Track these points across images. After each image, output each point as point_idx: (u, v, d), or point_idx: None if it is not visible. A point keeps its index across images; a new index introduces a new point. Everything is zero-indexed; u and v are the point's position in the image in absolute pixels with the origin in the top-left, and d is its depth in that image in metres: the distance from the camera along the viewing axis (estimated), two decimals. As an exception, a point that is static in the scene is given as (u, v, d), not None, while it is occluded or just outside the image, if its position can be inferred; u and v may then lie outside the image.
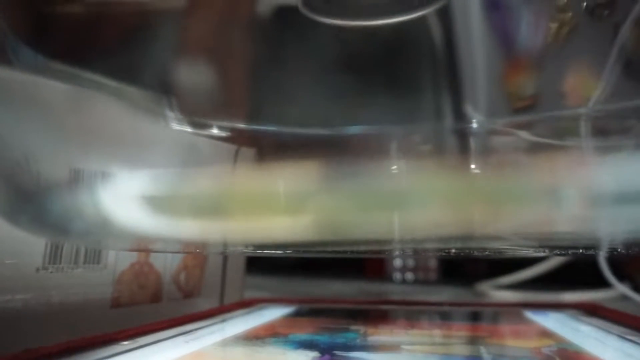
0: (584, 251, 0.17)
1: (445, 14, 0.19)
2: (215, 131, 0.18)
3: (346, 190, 0.14)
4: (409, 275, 0.67)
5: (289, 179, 0.14)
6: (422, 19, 0.18)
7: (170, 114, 0.17)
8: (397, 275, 0.68)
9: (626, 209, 0.12)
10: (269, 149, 0.19)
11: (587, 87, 0.19)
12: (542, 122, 0.18)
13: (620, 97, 0.18)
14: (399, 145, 0.16)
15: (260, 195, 0.14)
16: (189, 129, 0.18)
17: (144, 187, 0.14)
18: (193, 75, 0.19)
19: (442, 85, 0.20)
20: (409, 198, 0.13)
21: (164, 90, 0.19)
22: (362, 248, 0.16)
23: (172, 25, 0.18)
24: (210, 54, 0.20)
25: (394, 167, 0.15)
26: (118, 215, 0.14)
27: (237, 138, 0.18)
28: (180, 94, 0.19)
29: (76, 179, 0.16)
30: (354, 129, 0.17)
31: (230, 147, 0.19)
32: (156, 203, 0.14)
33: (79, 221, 0.14)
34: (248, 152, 0.19)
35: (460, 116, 0.19)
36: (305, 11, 0.15)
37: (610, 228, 0.14)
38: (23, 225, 0.16)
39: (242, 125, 0.19)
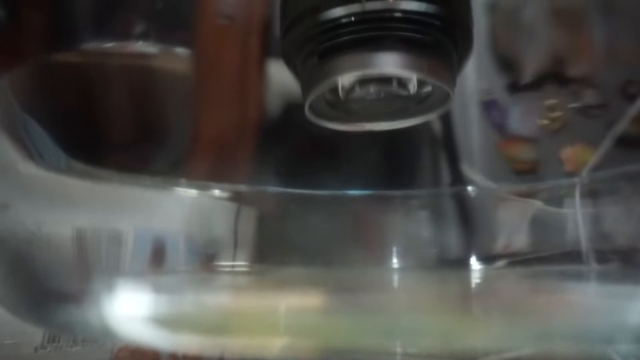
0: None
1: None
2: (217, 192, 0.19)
3: (347, 319, 0.14)
4: None
5: (291, 303, 0.14)
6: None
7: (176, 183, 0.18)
8: None
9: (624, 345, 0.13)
10: (270, 208, 0.20)
11: (583, 157, 0.20)
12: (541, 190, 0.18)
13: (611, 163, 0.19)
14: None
15: (261, 320, 0.14)
16: (194, 192, 0.19)
17: (148, 307, 0.15)
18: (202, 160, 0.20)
19: (439, 152, 0.20)
20: (409, 330, 0.13)
21: (174, 170, 0.20)
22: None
23: (183, 120, 0.20)
24: (220, 145, 0.21)
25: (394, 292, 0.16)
26: (121, 328, 0.14)
27: (238, 198, 0.19)
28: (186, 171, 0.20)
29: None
30: (355, 192, 0.18)
31: (232, 206, 0.20)
32: (159, 322, 0.14)
33: (83, 327, 0.15)
34: (250, 210, 0.20)
35: (458, 180, 0.20)
36: (311, 117, 0.15)
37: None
38: (28, 322, 0.16)
39: (243, 188, 0.19)
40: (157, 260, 0.19)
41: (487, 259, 0.20)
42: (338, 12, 0.13)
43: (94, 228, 0.18)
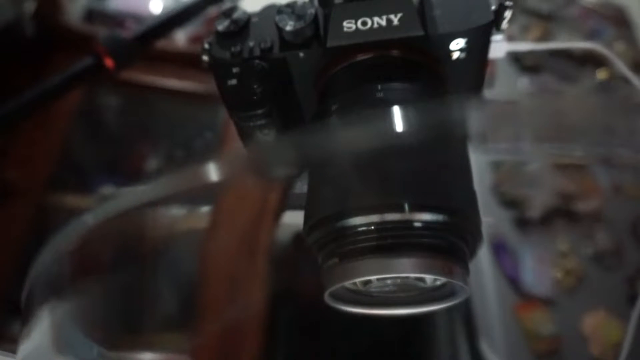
0: None
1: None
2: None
3: None
4: None
5: None
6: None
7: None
8: None
9: None
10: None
11: (608, 332, 0.19)
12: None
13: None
14: None
15: None
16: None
17: None
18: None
19: (458, 328, 0.20)
20: None
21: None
22: None
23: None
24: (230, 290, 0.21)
25: None
26: None
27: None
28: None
29: None
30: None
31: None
32: None
33: None
34: None
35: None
36: (330, 301, 0.16)
37: None
38: None
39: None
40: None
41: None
42: (358, 220, 0.14)
43: None
